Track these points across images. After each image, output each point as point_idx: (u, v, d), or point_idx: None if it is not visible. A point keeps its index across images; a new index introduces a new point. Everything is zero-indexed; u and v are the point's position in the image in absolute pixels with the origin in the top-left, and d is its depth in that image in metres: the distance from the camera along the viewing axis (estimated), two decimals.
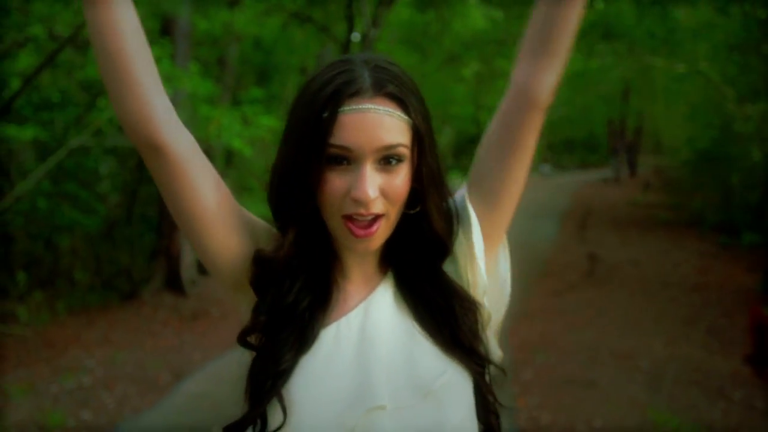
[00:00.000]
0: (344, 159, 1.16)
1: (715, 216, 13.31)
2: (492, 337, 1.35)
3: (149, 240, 10.47)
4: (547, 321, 7.72)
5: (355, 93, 1.15)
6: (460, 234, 1.29)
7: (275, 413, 1.16)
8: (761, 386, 5.56)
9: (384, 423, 1.17)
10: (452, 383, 1.22)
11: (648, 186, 20.51)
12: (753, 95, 11.38)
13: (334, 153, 1.15)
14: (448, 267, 1.30)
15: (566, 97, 25.39)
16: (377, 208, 1.17)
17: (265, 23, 12.05)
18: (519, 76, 1.25)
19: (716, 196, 14.03)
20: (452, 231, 1.28)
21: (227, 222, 1.22)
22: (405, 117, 1.18)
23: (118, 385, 5.91)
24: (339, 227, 1.20)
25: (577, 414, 5.02)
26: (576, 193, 21.58)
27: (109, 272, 10.26)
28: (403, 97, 1.18)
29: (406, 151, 1.18)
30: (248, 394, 1.21)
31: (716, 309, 8.06)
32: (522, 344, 6.75)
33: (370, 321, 1.24)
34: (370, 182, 1.15)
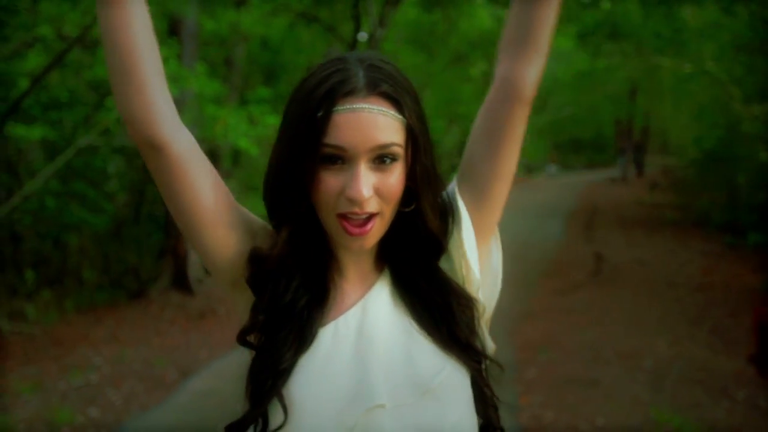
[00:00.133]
0: (338, 158, 1.17)
1: (722, 216, 13.30)
2: (485, 329, 1.35)
3: (157, 239, 10.52)
4: (552, 320, 7.73)
5: (350, 92, 1.15)
6: (453, 230, 1.30)
7: (276, 412, 1.17)
8: (765, 386, 5.58)
9: (384, 421, 1.17)
10: (450, 380, 1.22)
11: (655, 186, 20.48)
12: (760, 95, 11.36)
13: (329, 152, 1.16)
14: (444, 264, 1.30)
15: (573, 97, 25.42)
16: (372, 207, 1.18)
17: (272, 23, 12.09)
18: (502, 71, 1.26)
19: (723, 196, 14.02)
20: (447, 229, 1.29)
21: (226, 221, 1.23)
22: (399, 116, 1.18)
23: (126, 383, 5.96)
24: (334, 226, 1.20)
25: (580, 413, 5.04)
26: (582, 193, 21.57)
27: (117, 271, 10.32)
28: (398, 97, 1.18)
29: (401, 151, 1.19)
30: (249, 394, 1.21)
31: (721, 309, 8.07)
32: (526, 343, 6.78)
33: (368, 319, 1.25)
34: (365, 181, 1.16)
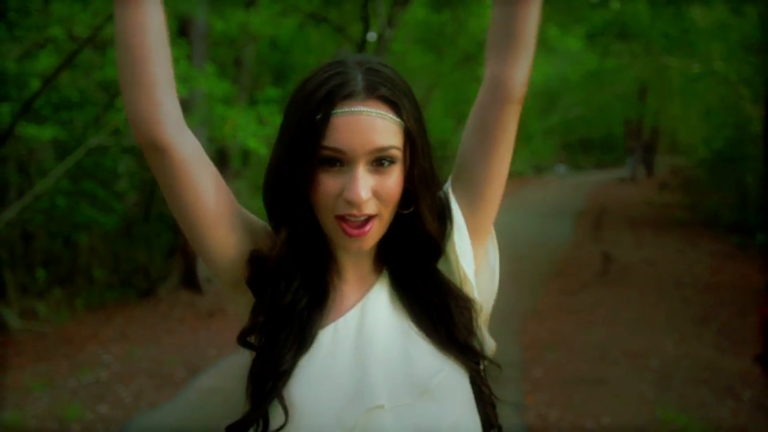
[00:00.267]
0: (337, 161, 1.18)
1: (731, 216, 13.27)
2: (483, 328, 1.37)
3: (166, 238, 10.56)
4: (559, 320, 7.75)
5: (348, 95, 1.16)
6: (449, 231, 1.31)
7: (276, 413, 1.19)
8: None
9: (383, 422, 1.19)
10: (449, 380, 1.24)
11: (665, 186, 20.45)
12: None
13: (327, 155, 1.17)
14: (442, 265, 1.31)
15: (582, 97, 25.38)
16: (370, 209, 1.19)
17: (282, 24, 12.12)
18: (490, 73, 1.27)
19: (732, 197, 13.99)
20: (445, 231, 1.30)
21: (227, 222, 1.23)
22: (397, 119, 1.19)
23: (135, 380, 6.01)
24: (332, 227, 1.22)
25: (586, 411, 5.06)
26: (591, 193, 21.55)
27: (127, 270, 10.37)
28: (396, 100, 1.19)
29: (399, 153, 1.20)
30: (249, 395, 1.23)
31: (729, 309, 8.06)
32: (532, 342, 6.80)
33: (367, 321, 1.26)
34: (363, 184, 1.17)
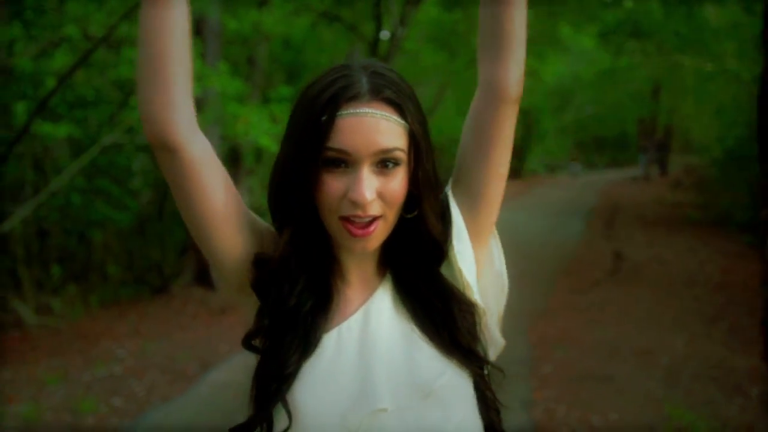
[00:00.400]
0: (342, 162, 1.18)
1: (743, 215, 13.22)
2: (495, 328, 1.39)
3: (180, 236, 10.62)
4: (569, 317, 7.77)
5: (353, 97, 1.17)
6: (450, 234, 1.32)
7: (280, 417, 1.20)
8: None
9: (386, 424, 1.20)
10: (452, 383, 1.24)
11: (678, 185, 20.39)
12: None
13: (332, 156, 1.18)
14: (445, 269, 1.32)
15: (595, 96, 25.33)
16: (374, 210, 1.20)
17: (294, 23, 12.18)
18: (484, 74, 1.28)
19: (744, 196, 13.94)
20: (448, 235, 1.31)
21: (234, 225, 1.24)
22: (402, 122, 1.20)
23: (148, 375, 6.09)
24: (337, 228, 1.22)
25: (593, 407, 5.09)
26: (604, 192, 21.51)
27: (141, 267, 10.45)
28: (400, 102, 1.20)
29: (403, 155, 1.21)
30: (253, 398, 1.24)
31: (739, 308, 8.06)
32: (542, 340, 6.83)
33: (371, 325, 1.27)
34: (367, 185, 1.17)
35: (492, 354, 1.38)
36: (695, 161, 22.56)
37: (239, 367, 5.98)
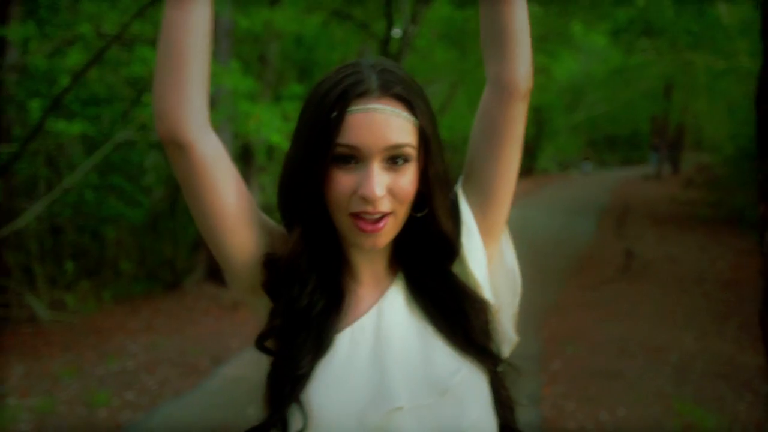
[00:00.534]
0: (352, 158, 1.18)
1: (755, 213, 13.17)
2: (508, 325, 1.37)
3: (192, 232, 10.68)
4: (580, 314, 7.79)
5: (363, 93, 1.17)
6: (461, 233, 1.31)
7: (295, 418, 1.19)
8: None
9: (403, 423, 1.19)
10: (468, 380, 1.24)
11: (690, 183, 20.33)
12: None
13: (342, 152, 1.17)
14: (456, 267, 1.31)
15: (607, 94, 25.26)
16: (384, 207, 1.19)
17: (306, 21, 12.21)
18: (491, 72, 1.28)
19: (756, 194, 13.88)
20: (459, 233, 1.30)
21: (245, 225, 1.23)
22: (411, 118, 1.20)
23: (160, 369, 6.15)
24: (347, 224, 1.21)
25: (602, 403, 5.11)
26: (616, 190, 21.47)
27: (153, 263, 10.52)
28: (410, 99, 1.20)
29: (413, 152, 1.20)
30: (267, 399, 1.23)
31: (750, 305, 8.01)
32: (552, 336, 6.85)
33: (384, 323, 1.26)
34: (378, 181, 1.17)
35: (505, 350, 1.36)
36: (707, 159, 22.49)
37: (250, 363, 6.03)
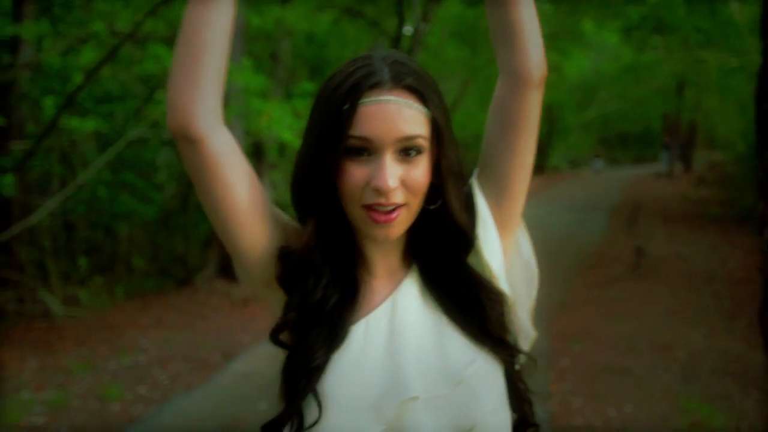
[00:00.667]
0: (364, 150, 1.18)
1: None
2: (526, 319, 1.38)
3: (203, 229, 10.75)
4: (589, 312, 7.81)
5: (375, 85, 1.17)
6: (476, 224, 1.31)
7: (311, 409, 1.18)
8: None
9: (418, 413, 1.19)
10: (483, 371, 1.23)
11: (702, 181, 20.25)
12: None
13: (355, 144, 1.17)
14: (472, 259, 1.31)
15: (619, 92, 25.19)
16: (397, 198, 1.19)
17: (317, 18, 12.26)
18: (503, 63, 1.27)
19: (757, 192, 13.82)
20: (474, 224, 1.29)
21: (258, 220, 1.22)
22: (424, 109, 1.20)
23: (172, 364, 6.21)
24: (360, 216, 1.21)
25: (609, 400, 5.14)
26: (627, 188, 21.42)
27: (165, 259, 10.59)
28: (422, 90, 1.20)
29: (425, 143, 1.20)
30: (283, 392, 1.23)
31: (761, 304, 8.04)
32: (561, 333, 6.87)
33: (398, 314, 1.26)
34: (391, 172, 1.17)
35: (524, 346, 1.36)
36: (720, 157, 22.40)
37: (261, 358, 6.09)
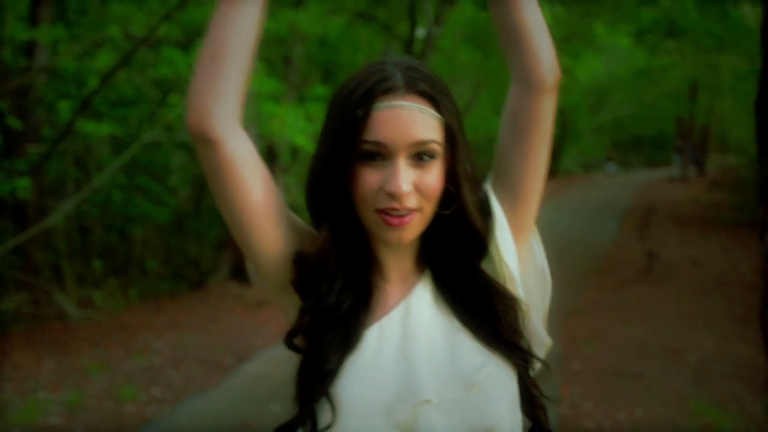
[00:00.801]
0: (378, 155, 1.18)
1: None
2: (540, 325, 1.38)
3: (217, 232, 10.80)
4: (600, 316, 7.82)
5: (388, 90, 1.18)
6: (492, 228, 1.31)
7: (324, 413, 1.19)
8: None
9: (431, 416, 1.19)
10: (495, 375, 1.24)
11: (715, 185, 20.16)
12: None
13: (368, 149, 1.18)
14: (485, 264, 1.31)
15: (632, 95, 25.14)
16: (411, 203, 1.19)
17: (330, 22, 12.29)
18: (515, 70, 1.27)
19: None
20: (488, 229, 1.29)
21: (273, 223, 1.23)
22: (437, 114, 1.21)
23: (185, 365, 6.28)
24: (374, 220, 1.22)
25: (619, 403, 5.16)
26: (640, 192, 21.37)
27: (179, 262, 10.66)
28: (435, 95, 1.21)
29: (439, 148, 1.21)
30: (297, 395, 1.23)
31: None
32: (572, 337, 6.88)
33: (411, 319, 1.27)
34: (404, 177, 1.17)
35: (539, 353, 1.36)
36: (733, 161, 22.30)
37: (273, 360, 6.14)
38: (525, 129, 1.27)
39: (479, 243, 1.29)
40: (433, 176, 1.21)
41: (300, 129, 8.18)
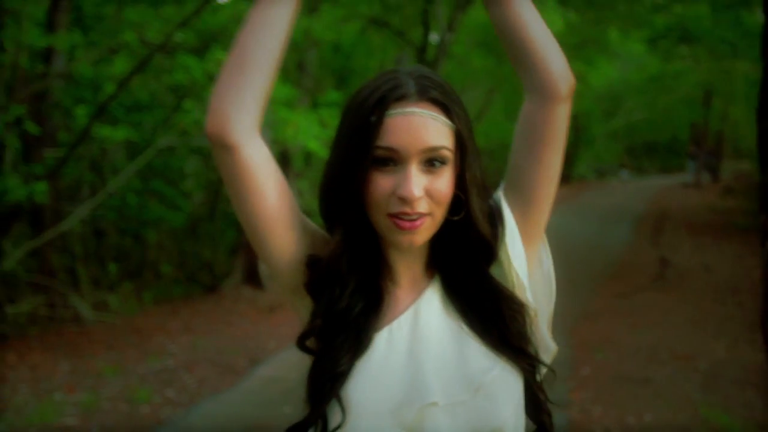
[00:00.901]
0: (390, 160, 1.21)
1: None
2: (545, 331, 1.39)
3: (231, 236, 10.88)
4: (611, 321, 7.82)
5: (401, 97, 1.20)
6: (502, 236, 1.32)
7: (334, 414, 1.21)
8: None
9: (437, 418, 1.22)
10: (502, 378, 1.26)
11: (729, 191, 20.06)
12: None
13: (381, 155, 1.20)
14: (494, 270, 1.33)
15: (646, 101, 25.08)
16: (422, 208, 1.21)
17: (343, 29, 12.36)
18: (527, 81, 1.29)
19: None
20: (498, 235, 1.31)
21: (288, 227, 1.26)
22: (448, 122, 1.23)
23: (199, 368, 6.34)
24: (385, 224, 1.24)
25: (629, 409, 5.18)
26: (653, 198, 21.26)
27: (193, 266, 10.74)
28: (447, 103, 1.23)
29: (450, 155, 1.23)
30: (308, 396, 1.26)
31: None
32: (583, 343, 6.90)
33: (420, 322, 1.29)
34: (416, 182, 1.19)
35: (545, 359, 1.38)
36: (747, 167, 22.19)
37: (286, 364, 6.19)
38: (538, 137, 1.29)
39: (486, 249, 1.30)
40: (444, 182, 1.23)
41: (313, 134, 8.22)
